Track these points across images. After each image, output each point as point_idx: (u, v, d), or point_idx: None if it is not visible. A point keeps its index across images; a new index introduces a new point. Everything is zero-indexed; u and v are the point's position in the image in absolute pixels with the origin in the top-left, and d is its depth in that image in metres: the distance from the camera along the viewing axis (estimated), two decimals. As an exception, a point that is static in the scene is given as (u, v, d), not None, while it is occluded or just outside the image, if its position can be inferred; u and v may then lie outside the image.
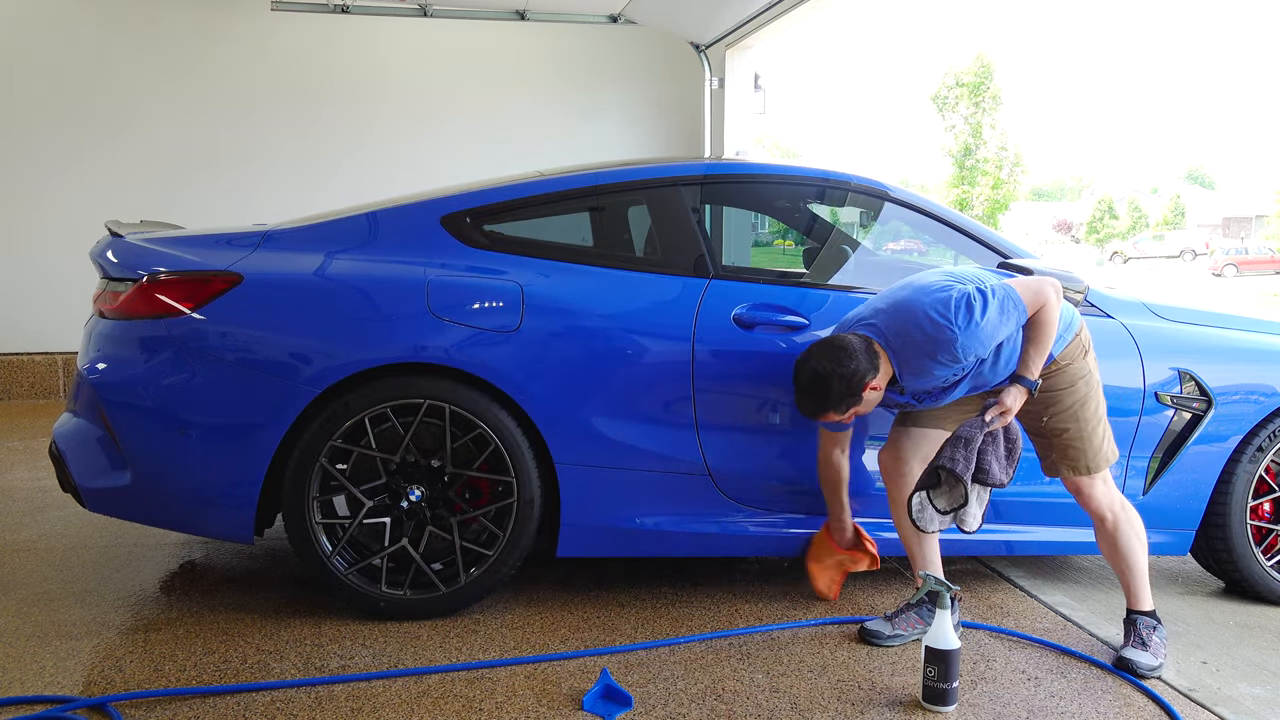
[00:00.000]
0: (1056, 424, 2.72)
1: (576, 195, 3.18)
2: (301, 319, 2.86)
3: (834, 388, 2.56)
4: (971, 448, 2.62)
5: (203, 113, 7.21)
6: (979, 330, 2.52)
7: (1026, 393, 2.64)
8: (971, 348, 2.54)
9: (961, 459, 2.61)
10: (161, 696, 2.44)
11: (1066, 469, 2.74)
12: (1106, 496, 2.76)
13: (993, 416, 2.63)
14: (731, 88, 7.49)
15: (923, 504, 2.68)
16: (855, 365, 2.55)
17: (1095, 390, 2.75)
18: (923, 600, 2.89)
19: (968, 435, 2.63)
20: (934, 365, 2.58)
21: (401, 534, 2.90)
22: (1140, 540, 2.79)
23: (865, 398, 2.60)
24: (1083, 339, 2.77)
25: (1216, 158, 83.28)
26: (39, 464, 4.89)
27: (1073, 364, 2.73)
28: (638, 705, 2.44)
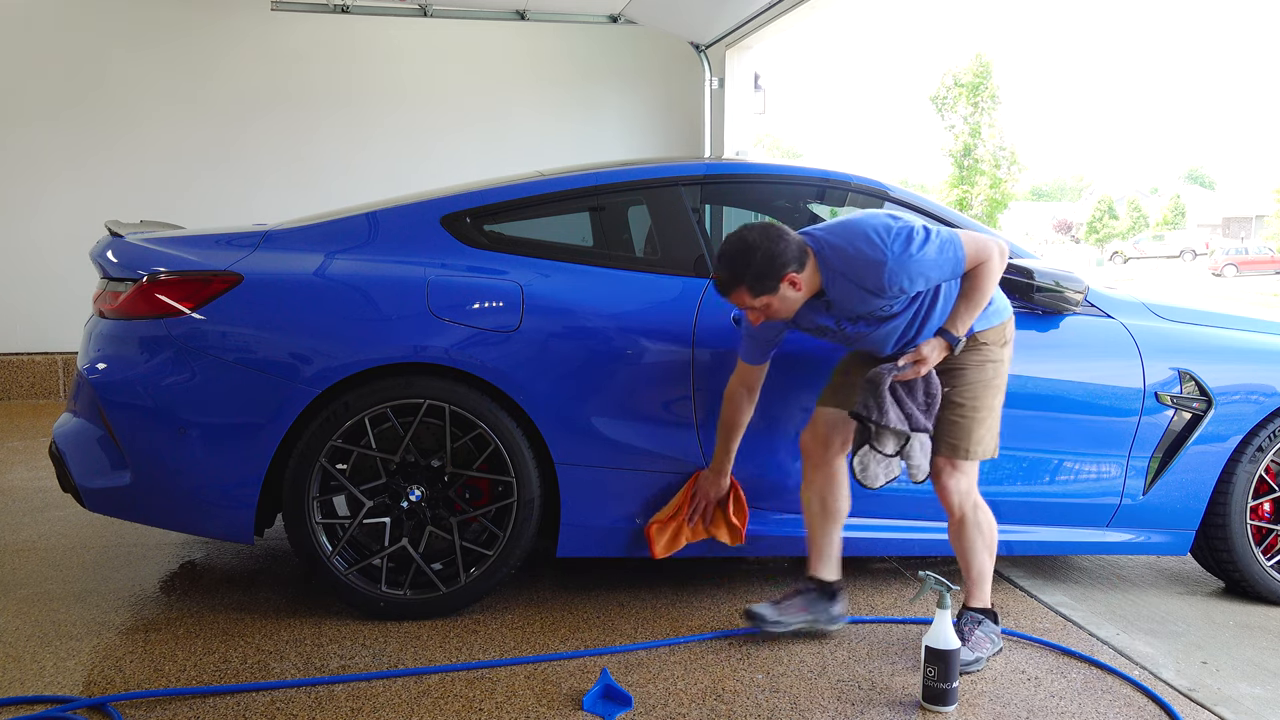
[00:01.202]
0: (954, 397, 2.69)
1: (576, 195, 3.18)
2: (301, 319, 2.86)
3: (755, 259, 2.48)
4: (880, 391, 2.58)
5: (203, 112, 7.22)
6: (911, 261, 2.47)
7: (948, 348, 2.61)
8: (899, 277, 2.48)
9: (873, 403, 2.59)
10: (161, 696, 2.44)
11: (946, 448, 2.70)
12: (966, 493, 2.73)
13: (906, 362, 2.60)
14: (731, 88, 7.49)
15: (864, 460, 2.64)
16: (784, 247, 2.49)
17: (1001, 382, 2.73)
18: (811, 588, 2.86)
19: (875, 378, 2.60)
20: (859, 285, 2.53)
21: (401, 534, 2.90)
22: (987, 546, 2.77)
23: (783, 291, 2.52)
24: (1007, 330, 2.76)
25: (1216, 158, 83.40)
26: (39, 464, 4.89)
27: (990, 346, 2.71)
28: (638, 705, 2.44)
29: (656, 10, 7.19)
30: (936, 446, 2.71)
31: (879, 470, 2.64)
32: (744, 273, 2.50)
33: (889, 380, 2.60)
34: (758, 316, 2.59)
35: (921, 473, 2.67)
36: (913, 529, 3.15)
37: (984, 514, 2.77)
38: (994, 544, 2.79)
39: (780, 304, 2.56)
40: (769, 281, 2.50)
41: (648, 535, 2.98)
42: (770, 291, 2.52)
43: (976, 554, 2.77)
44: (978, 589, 2.80)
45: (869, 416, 2.59)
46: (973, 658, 2.68)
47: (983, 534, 2.76)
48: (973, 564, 2.78)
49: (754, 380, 2.83)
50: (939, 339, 2.62)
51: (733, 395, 2.85)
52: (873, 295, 2.54)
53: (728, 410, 2.87)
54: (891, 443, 2.62)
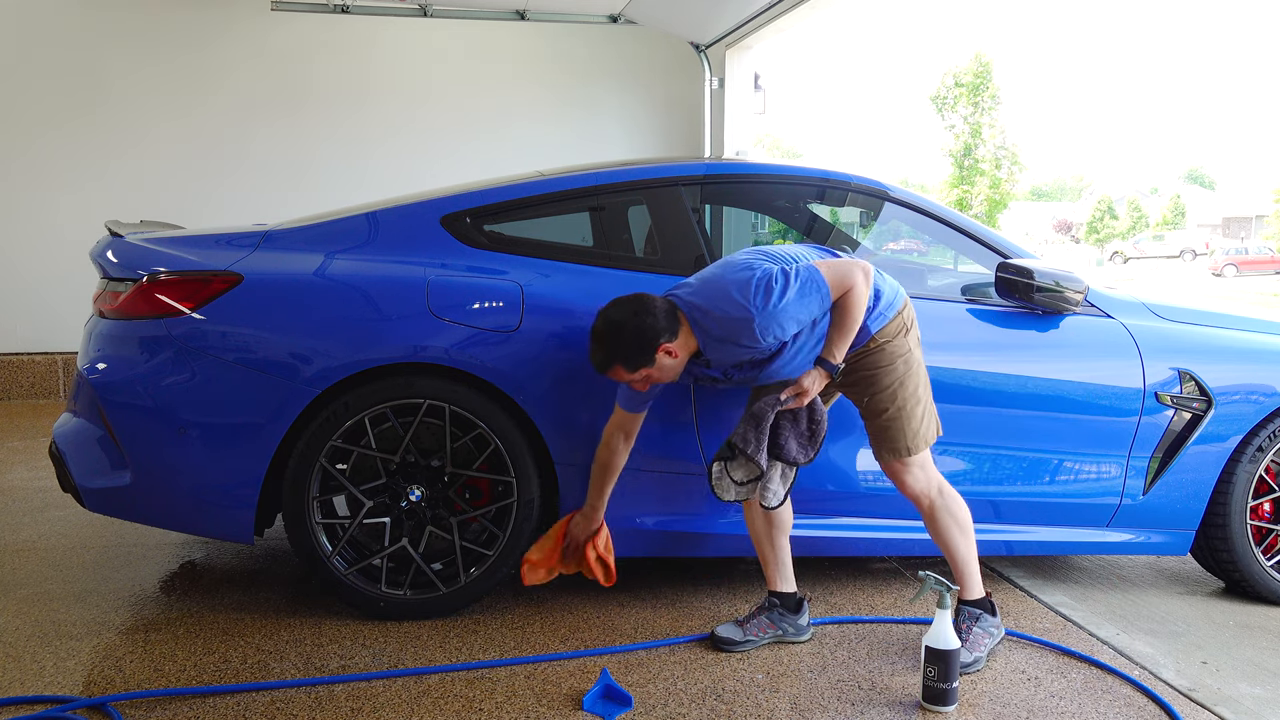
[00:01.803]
0: (876, 404, 2.69)
1: (576, 195, 3.18)
2: (301, 319, 2.86)
3: (625, 337, 2.50)
4: (763, 426, 2.60)
5: (202, 112, 7.22)
6: (777, 311, 2.48)
7: (827, 376, 2.60)
8: (770, 329, 2.50)
9: (753, 438, 2.60)
10: (161, 696, 2.44)
11: (886, 452, 2.71)
12: (924, 481, 2.72)
13: (788, 395, 2.61)
14: (731, 88, 7.50)
15: (721, 473, 2.67)
16: (652, 321, 2.50)
17: (916, 370, 2.72)
18: (774, 604, 2.87)
19: (759, 413, 2.62)
20: (733, 342, 2.54)
21: (401, 534, 2.90)
22: (961, 527, 2.75)
23: (659, 360, 2.54)
24: (904, 317, 2.73)
25: (1216, 158, 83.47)
26: (39, 464, 4.89)
27: (891, 342, 2.69)
28: (638, 705, 2.44)
29: (656, 10, 7.19)
30: (881, 454, 2.73)
31: (731, 487, 2.69)
32: (616, 352, 2.53)
33: (772, 416, 2.62)
34: (642, 386, 2.61)
35: (775, 499, 2.69)
36: (913, 529, 3.15)
37: (952, 498, 2.77)
38: (969, 526, 2.78)
39: (659, 372, 2.58)
40: (643, 356, 2.53)
41: (520, 571, 2.95)
42: (646, 364, 2.55)
43: (954, 539, 2.76)
44: (967, 578, 2.78)
45: (745, 450, 2.62)
46: (971, 658, 2.67)
47: (955, 517, 2.75)
48: (954, 550, 2.76)
49: (632, 427, 2.81)
50: (818, 369, 2.61)
51: (609, 440, 2.82)
52: (748, 349, 2.56)
53: (603, 454, 2.83)
54: (741, 473, 2.66)
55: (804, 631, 2.87)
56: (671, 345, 2.54)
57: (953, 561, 2.79)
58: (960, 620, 2.75)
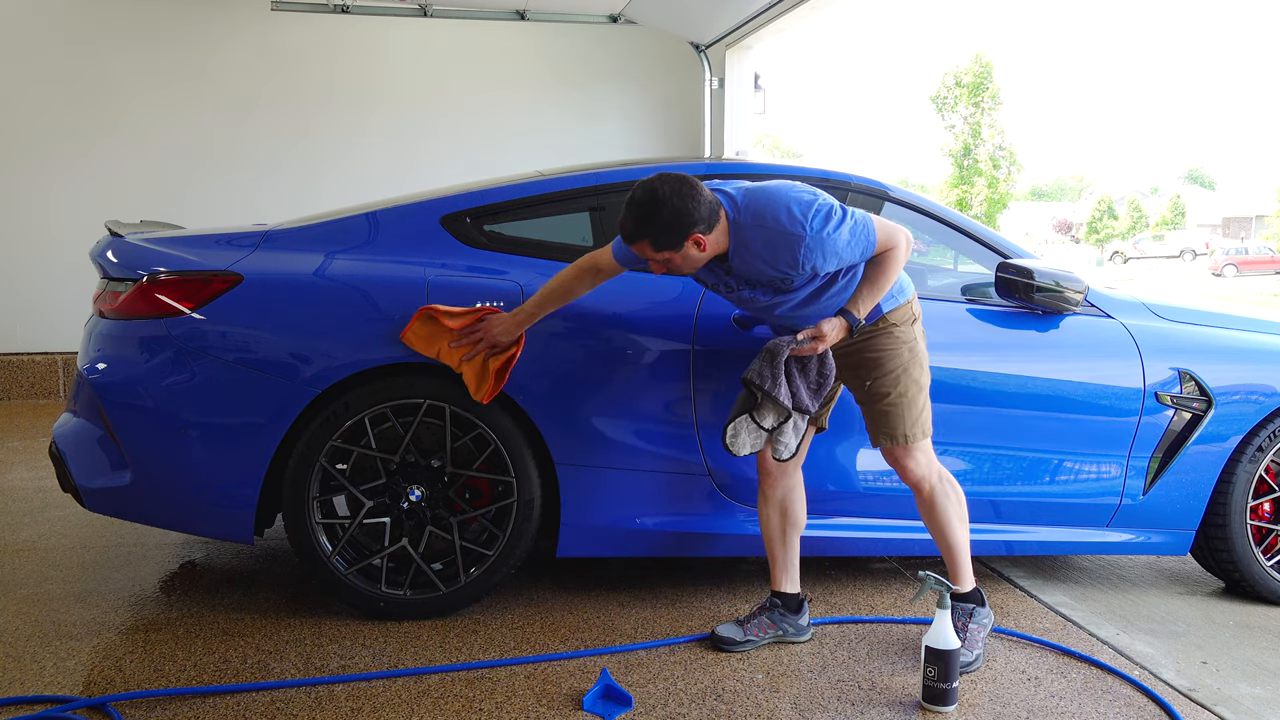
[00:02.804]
0: (878, 388, 2.68)
1: (576, 195, 3.18)
2: (301, 319, 2.86)
3: (662, 216, 2.41)
4: (777, 362, 2.56)
5: (203, 112, 7.22)
6: (825, 240, 2.43)
7: (846, 328, 2.55)
8: (813, 256, 2.44)
9: (768, 373, 2.56)
10: (161, 696, 2.44)
11: (885, 438, 2.70)
12: (925, 466, 2.71)
13: (805, 336, 2.55)
14: (731, 88, 7.49)
15: (738, 428, 2.62)
16: (694, 207, 2.42)
17: (919, 360, 2.72)
18: (776, 604, 2.85)
19: (774, 348, 2.57)
20: (769, 258, 2.48)
21: (401, 534, 2.90)
22: (960, 516, 2.74)
23: (686, 249, 2.46)
24: (913, 308, 2.74)
25: (1216, 158, 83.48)
26: (39, 464, 4.89)
27: (899, 327, 2.69)
28: (638, 705, 2.44)
29: (656, 10, 7.19)
30: (879, 439, 2.71)
31: (748, 440, 2.63)
32: (649, 227, 2.42)
33: (786, 353, 2.57)
34: (658, 269, 2.53)
35: (787, 451, 2.64)
36: (913, 529, 3.15)
37: (951, 485, 2.76)
38: (965, 514, 2.77)
39: (682, 261, 2.50)
40: (673, 239, 2.44)
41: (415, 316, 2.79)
42: (673, 249, 2.46)
43: (951, 526, 2.74)
44: (960, 569, 2.77)
45: (761, 385, 2.57)
46: (972, 657, 2.67)
47: (953, 504, 2.74)
48: (951, 539, 2.75)
49: (606, 274, 2.73)
50: (839, 319, 2.56)
51: (580, 267, 2.72)
52: (781, 268, 2.49)
53: (565, 276, 2.74)
54: (771, 417, 2.60)
55: (804, 632, 2.87)
56: (704, 238, 2.46)
57: (946, 551, 2.78)
58: (956, 618, 2.74)
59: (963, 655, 2.62)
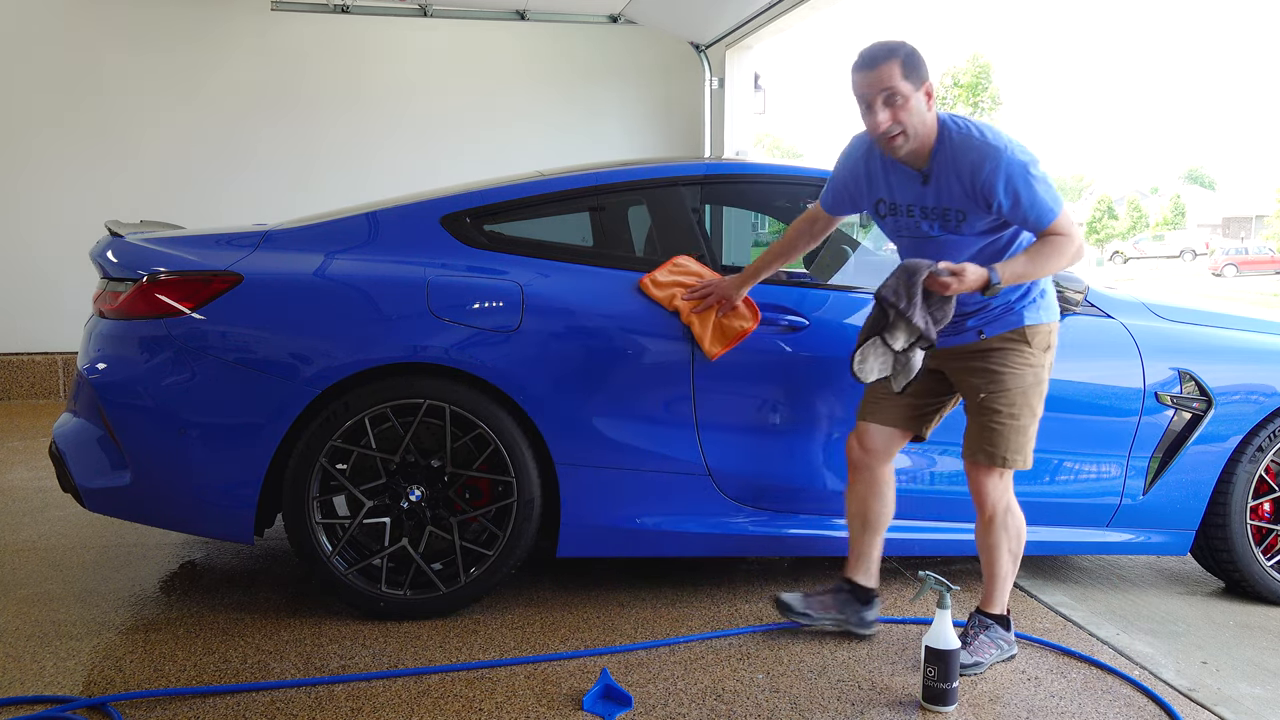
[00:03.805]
0: (992, 402, 2.63)
1: (576, 195, 3.18)
2: (301, 319, 2.86)
3: (913, 50, 2.47)
4: (914, 282, 2.49)
5: (203, 113, 7.21)
6: (1019, 172, 2.43)
7: (986, 281, 2.48)
8: (999, 179, 2.43)
9: (904, 291, 2.50)
10: (161, 696, 2.44)
11: (983, 454, 2.64)
12: (1001, 492, 2.67)
13: (944, 268, 2.50)
14: (731, 88, 7.50)
15: (866, 352, 2.58)
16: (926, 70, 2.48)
17: (1040, 389, 2.67)
18: (844, 589, 2.85)
19: (911, 268, 2.51)
20: (962, 172, 2.48)
21: (401, 534, 2.90)
22: (1012, 551, 2.71)
23: (918, 97, 2.45)
24: (1052, 335, 2.70)
25: (1216, 158, 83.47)
26: (39, 464, 4.89)
27: (1033, 351, 2.64)
28: (638, 705, 2.44)
29: (656, 10, 7.19)
30: (975, 453, 2.65)
31: (875, 365, 2.58)
32: (899, 51, 2.46)
33: (924, 275, 2.50)
34: (888, 118, 2.46)
35: (899, 385, 2.60)
36: (913, 529, 3.15)
37: (1015, 518, 2.71)
38: (1019, 551, 2.74)
39: (907, 109, 2.46)
40: (917, 73, 2.47)
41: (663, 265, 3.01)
42: (913, 83, 2.46)
43: (1000, 556, 2.71)
44: (995, 593, 2.75)
45: (896, 304, 2.50)
46: (971, 661, 2.66)
47: (1009, 537, 2.70)
48: (995, 566, 2.73)
49: (821, 222, 2.87)
50: (984, 270, 2.49)
51: (799, 219, 2.92)
52: (967, 187, 2.48)
53: (788, 231, 2.93)
54: (903, 338, 2.54)
55: (867, 626, 2.85)
56: (930, 94, 2.49)
57: (988, 575, 2.75)
58: (970, 625, 2.74)
59: (964, 656, 2.62)
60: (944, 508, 3.15)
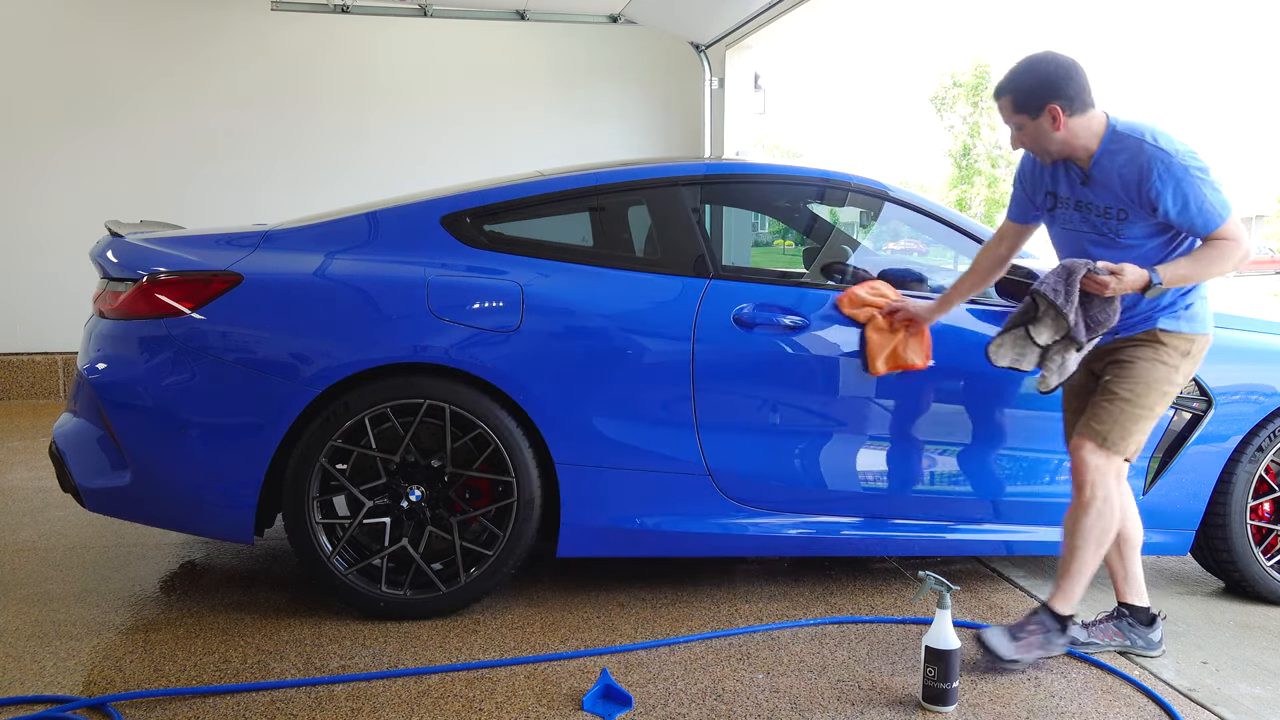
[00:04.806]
0: (1115, 386, 2.62)
1: (576, 195, 3.18)
2: (301, 319, 2.86)
3: (1030, 75, 2.53)
4: (1072, 279, 2.53)
5: (203, 112, 7.21)
6: (1187, 176, 2.45)
7: (1146, 282, 2.51)
8: (1166, 181, 2.45)
9: (1062, 288, 2.54)
10: (161, 696, 2.44)
11: (1091, 430, 2.62)
12: (1101, 475, 2.60)
13: (1103, 267, 2.53)
14: (731, 88, 7.49)
15: (1004, 339, 2.64)
16: (1063, 82, 2.51)
17: (1169, 390, 2.65)
18: (1123, 614, 2.83)
19: (1070, 266, 2.56)
20: (1125, 174, 2.51)
21: (401, 534, 2.90)
22: (1098, 541, 2.63)
23: (1041, 121, 2.54)
24: (1195, 346, 2.67)
25: (1216, 158, 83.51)
26: (39, 464, 4.89)
27: (1171, 351, 2.63)
28: (638, 705, 2.44)
29: (656, 10, 7.19)
30: (1085, 429, 2.65)
31: (1009, 353, 2.64)
32: (1017, 82, 2.56)
33: (1082, 273, 2.54)
34: (1016, 140, 2.64)
35: (1049, 384, 2.66)
36: (913, 529, 3.15)
37: (1110, 508, 2.62)
38: (1106, 544, 2.66)
39: (1033, 135, 2.58)
40: (1032, 101, 2.53)
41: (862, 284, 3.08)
42: (1029, 114, 2.55)
43: (1085, 545, 2.63)
44: (1068, 589, 2.68)
45: (1053, 300, 2.54)
46: (1013, 657, 2.64)
47: (1100, 525, 2.62)
48: (1075, 557, 2.65)
49: (1011, 238, 2.88)
50: (1144, 270, 2.51)
51: (990, 244, 2.94)
52: (1129, 188, 2.51)
53: (981, 254, 2.96)
54: (1047, 333, 2.59)
55: (1154, 647, 2.82)
56: (1062, 116, 2.53)
57: (1065, 567, 2.68)
58: (1031, 621, 2.71)
59: (1005, 648, 2.62)
60: (945, 508, 3.15)
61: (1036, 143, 2.62)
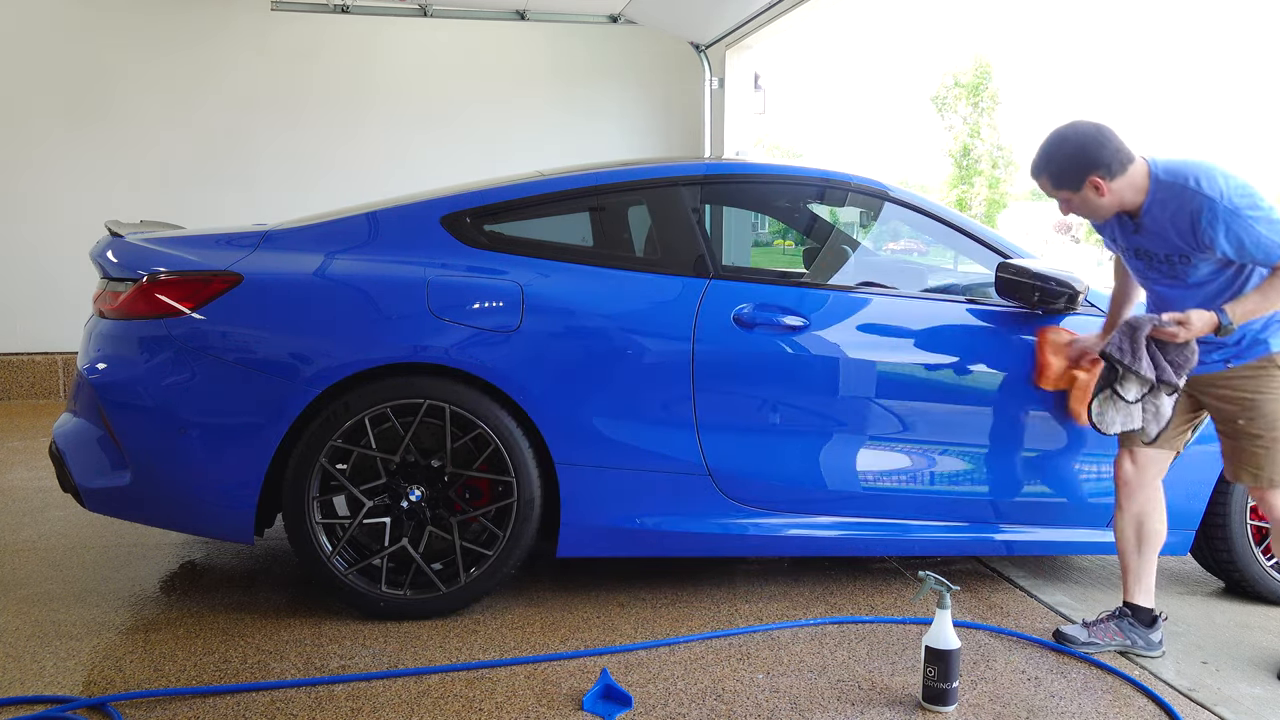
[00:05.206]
0: (1252, 428, 2.68)
1: (576, 195, 3.18)
2: (301, 319, 2.86)
3: (1064, 152, 2.54)
4: (1138, 336, 2.60)
5: (203, 112, 7.21)
6: (1239, 217, 2.45)
7: (1215, 324, 2.55)
8: (1218, 226, 2.46)
9: (1128, 346, 2.61)
10: (161, 696, 2.44)
11: (1249, 476, 2.72)
12: None
13: (1169, 319, 2.58)
14: (731, 88, 7.49)
15: (1103, 406, 2.69)
16: (1097, 152, 2.51)
17: None
18: (1125, 614, 2.88)
19: (1135, 324, 2.63)
20: (1174, 221, 2.52)
21: (401, 534, 2.90)
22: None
23: (1085, 192, 2.56)
24: None
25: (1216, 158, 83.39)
26: (39, 464, 4.88)
27: None
28: (638, 705, 2.44)
29: (656, 10, 7.19)
30: (1241, 477, 2.73)
31: (1116, 417, 2.69)
32: (1050, 162, 2.58)
33: (1147, 329, 2.61)
34: (1064, 210, 2.66)
35: (1150, 435, 2.70)
36: (913, 528, 3.15)
37: None
38: None
39: (1081, 204, 2.61)
40: (1071, 179, 2.55)
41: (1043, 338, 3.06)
42: (1070, 188, 2.57)
43: None
44: None
45: (1120, 359, 2.61)
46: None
47: None
48: None
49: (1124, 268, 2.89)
50: (1210, 313, 2.56)
51: (1116, 271, 2.98)
52: (1185, 235, 2.53)
53: (1114, 284, 3.00)
54: (1135, 389, 2.65)
55: (1155, 648, 2.86)
56: (1104, 183, 2.54)
57: None
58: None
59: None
60: (945, 508, 3.15)
61: (1086, 211, 2.65)
